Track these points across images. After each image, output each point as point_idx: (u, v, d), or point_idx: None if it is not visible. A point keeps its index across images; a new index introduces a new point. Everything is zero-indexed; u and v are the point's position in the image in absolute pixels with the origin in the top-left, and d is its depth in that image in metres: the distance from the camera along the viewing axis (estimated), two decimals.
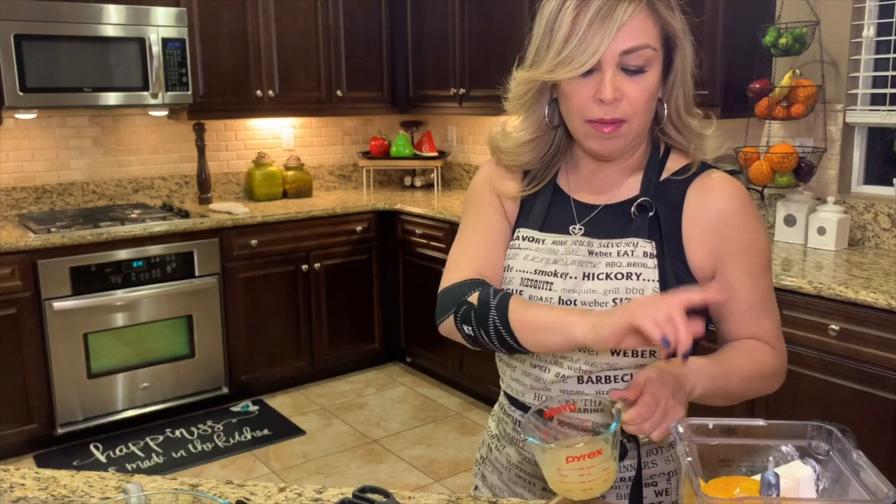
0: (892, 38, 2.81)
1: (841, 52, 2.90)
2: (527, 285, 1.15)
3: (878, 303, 2.22)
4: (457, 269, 1.19)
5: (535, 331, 1.04)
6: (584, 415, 1.04)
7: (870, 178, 3.00)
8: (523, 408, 1.21)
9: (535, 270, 1.15)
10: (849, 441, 0.85)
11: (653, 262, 1.10)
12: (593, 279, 1.11)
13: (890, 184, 2.89)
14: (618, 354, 1.10)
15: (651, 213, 1.13)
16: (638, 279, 1.09)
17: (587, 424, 1.04)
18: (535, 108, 1.17)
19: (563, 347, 1.03)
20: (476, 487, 1.34)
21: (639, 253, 1.11)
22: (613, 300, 1.09)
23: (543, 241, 1.18)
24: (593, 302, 1.10)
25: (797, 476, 0.84)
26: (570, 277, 1.12)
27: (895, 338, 2.21)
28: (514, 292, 1.16)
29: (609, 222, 1.15)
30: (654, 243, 1.11)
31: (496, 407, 1.32)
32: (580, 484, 0.93)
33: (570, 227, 1.17)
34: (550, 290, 1.13)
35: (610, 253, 1.12)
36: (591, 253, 1.13)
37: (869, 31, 2.85)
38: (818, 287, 2.35)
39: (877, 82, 2.90)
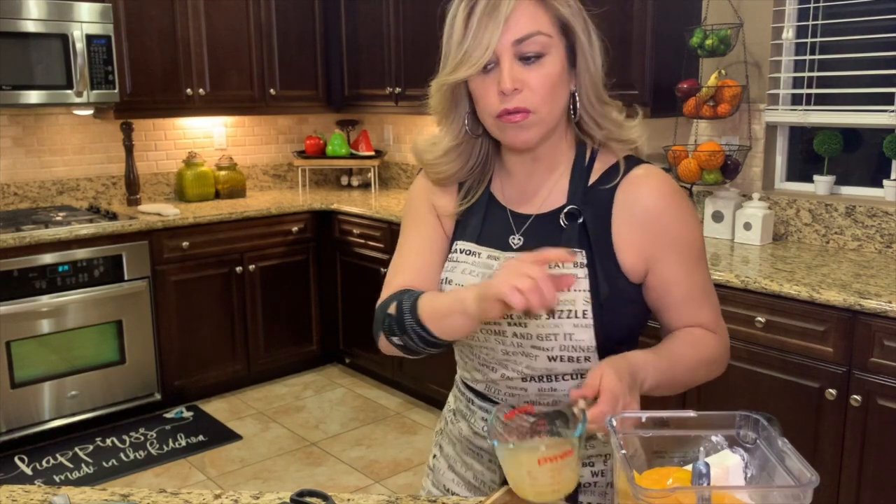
0: (809, 40, 2.93)
1: (763, 53, 3.01)
2: None
3: (801, 295, 2.31)
4: (389, 286, 1.23)
5: (442, 318, 1.07)
6: (539, 408, 1.05)
7: (792, 175, 3.12)
8: (475, 393, 1.24)
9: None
10: (774, 429, 0.87)
11: (583, 272, 1.11)
12: None
13: (810, 180, 3.01)
14: (554, 361, 1.12)
15: (580, 221, 1.14)
16: (569, 290, 1.09)
17: (542, 420, 1.03)
18: (454, 116, 1.19)
19: (468, 326, 1.05)
20: (434, 456, 1.38)
21: (569, 263, 1.11)
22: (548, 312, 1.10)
23: (479, 255, 1.19)
24: None
25: (726, 465, 0.87)
26: None
27: (817, 328, 2.30)
28: None
29: (541, 233, 1.16)
30: (584, 252, 1.12)
31: (456, 379, 1.35)
32: (550, 485, 0.92)
33: (510, 238, 1.19)
34: None
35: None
36: None
37: (788, 34, 2.96)
38: (745, 281, 2.43)
39: (796, 83, 3.01)
